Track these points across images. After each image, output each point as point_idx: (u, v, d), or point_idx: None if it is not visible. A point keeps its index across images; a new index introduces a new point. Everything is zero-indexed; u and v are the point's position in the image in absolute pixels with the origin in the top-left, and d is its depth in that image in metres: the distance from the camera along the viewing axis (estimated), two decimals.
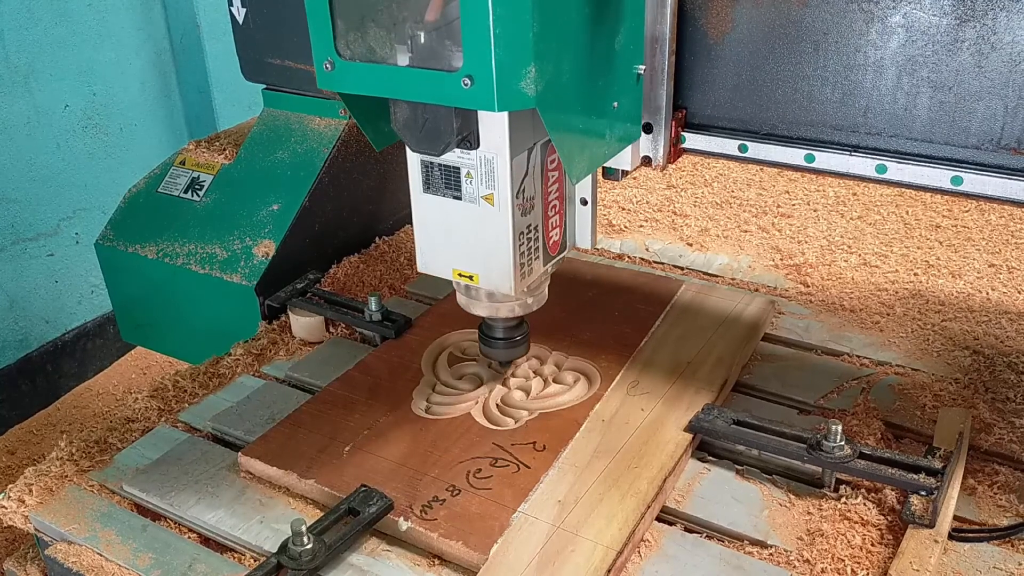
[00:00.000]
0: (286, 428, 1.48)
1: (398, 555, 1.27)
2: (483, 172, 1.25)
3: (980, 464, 1.40)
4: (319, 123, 2.06)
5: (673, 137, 1.41)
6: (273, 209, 1.96)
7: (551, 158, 1.32)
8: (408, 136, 1.21)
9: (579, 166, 1.21)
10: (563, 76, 1.12)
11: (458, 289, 1.44)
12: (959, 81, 1.23)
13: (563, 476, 1.34)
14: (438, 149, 1.21)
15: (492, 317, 1.46)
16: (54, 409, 3.41)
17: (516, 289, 1.32)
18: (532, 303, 1.44)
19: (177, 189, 2.08)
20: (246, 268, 1.90)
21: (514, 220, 1.27)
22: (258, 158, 2.07)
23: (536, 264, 1.36)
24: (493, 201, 1.26)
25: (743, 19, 1.34)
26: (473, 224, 1.29)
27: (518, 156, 1.25)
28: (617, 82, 1.25)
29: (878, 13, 1.25)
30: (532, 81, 1.06)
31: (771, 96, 1.37)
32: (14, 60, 3.09)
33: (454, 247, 1.33)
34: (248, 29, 2.02)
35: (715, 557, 1.24)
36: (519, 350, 1.53)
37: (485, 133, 1.22)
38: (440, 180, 1.29)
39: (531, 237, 1.33)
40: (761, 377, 1.61)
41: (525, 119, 1.23)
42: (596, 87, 1.21)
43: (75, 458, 1.49)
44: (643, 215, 2.36)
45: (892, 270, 2.04)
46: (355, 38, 1.13)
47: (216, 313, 1.97)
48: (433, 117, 1.18)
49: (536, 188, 1.31)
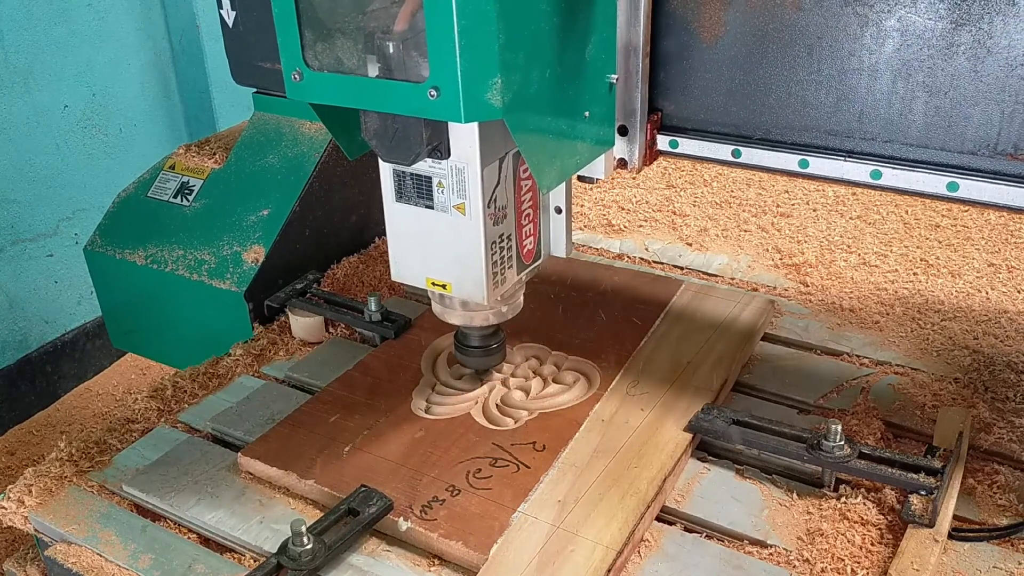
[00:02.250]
0: (286, 428, 1.48)
1: (398, 555, 1.27)
2: (454, 182, 1.25)
3: (980, 464, 1.40)
4: (310, 127, 2.03)
5: (648, 140, 1.40)
6: (263, 214, 1.93)
7: (523, 167, 1.31)
8: (379, 146, 1.21)
9: (549, 176, 1.20)
10: (531, 87, 1.11)
11: (432, 298, 1.44)
12: (955, 86, 1.22)
13: (563, 476, 1.34)
14: (408, 159, 1.20)
15: (467, 326, 1.46)
16: (53, 410, 3.41)
17: (489, 298, 1.32)
18: (507, 311, 1.44)
19: (166, 194, 2.06)
20: (235, 274, 1.87)
21: (486, 229, 1.27)
22: (248, 163, 2.04)
23: (509, 273, 1.36)
24: (465, 211, 1.26)
25: (736, 22, 1.32)
26: (445, 233, 1.29)
27: (489, 166, 1.24)
28: (588, 91, 1.24)
29: (873, 17, 1.23)
30: (499, 92, 1.05)
31: (764, 101, 1.35)
32: (13, 60, 3.09)
33: (427, 256, 1.33)
34: (238, 32, 1.99)
35: (715, 557, 1.24)
36: (494, 358, 1.53)
37: (456, 143, 1.21)
38: (412, 189, 1.29)
39: (504, 246, 1.33)
40: (761, 377, 1.61)
41: (496, 129, 1.22)
42: (566, 97, 1.20)
43: (75, 459, 1.49)
44: (643, 215, 2.36)
45: (892, 270, 2.04)
46: (323, 48, 1.13)
47: (205, 319, 1.95)
48: (403, 127, 1.17)
49: (508, 197, 1.31)
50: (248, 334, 1.86)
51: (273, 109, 2.09)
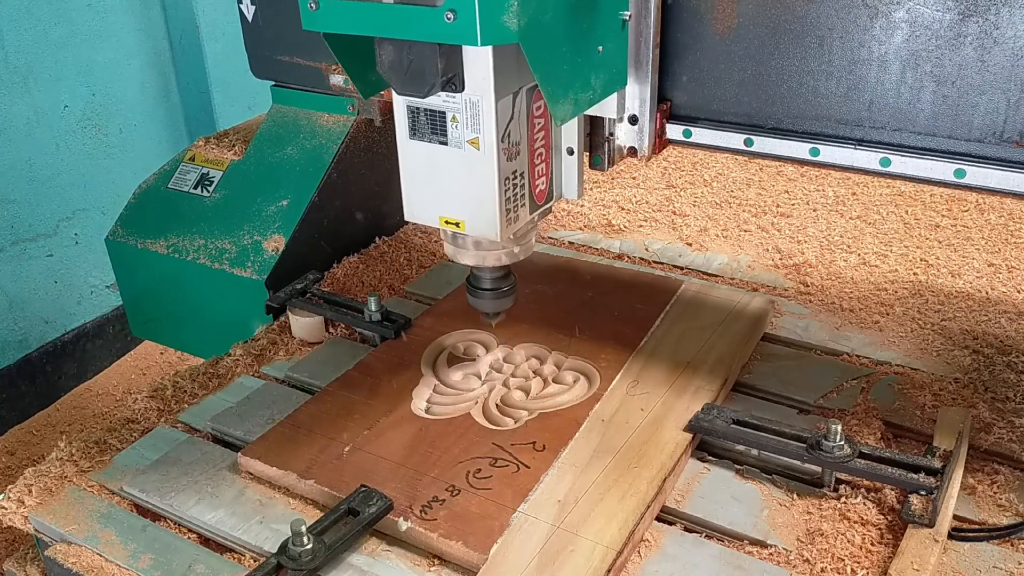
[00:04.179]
0: (286, 428, 1.48)
1: (398, 555, 1.27)
2: (468, 116, 1.24)
3: (980, 464, 1.40)
4: (328, 119, 2.07)
5: (658, 128, 1.43)
6: (282, 204, 1.98)
7: (537, 105, 1.32)
8: (393, 78, 1.20)
9: (563, 108, 1.21)
10: (546, 13, 1.12)
11: (445, 238, 1.43)
12: (962, 75, 1.25)
13: (563, 476, 1.34)
14: (423, 91, 1.19)
15: (479, 266, 1.45)
16: (54, 410, 3.41)
17: (502, 235, 1.31)
18: (519, 252, 1.43)
19: (187, 185, 2.10)
20: (256, 263, 1.91)
21: (500, 164, 1.27)
22: (267, 154, 2.08)
23: (523, 211, 1.36)
24: (479, 145, 1.26)
25: (748, 14, 1.36)
26: (459, 169, 1.29)
27: (503, 99, 1.24)
28: (602, 26, 1.25)
29: (882, 8, 1.26)
30: (515, 15, 1.06)
31: (776, 90, 1.38)
32: (13, 60, 3.09)
33: (440, 193, 1.32)
34: (257, 26, 2.05)
35: (715, 557, 1.24)
36: (506, 301, 1.51)
37: (470, 75, 1.21)
38: (426, 125, 1.29)
39: (517, 183, 1.33)
40: (761, 377, 1.61)
41: (510, 62, 1.22)
42: (580, 28, 1.20)
43: (75, 459, 1.49)
44: (643, 215, 2.36)
45: (892, 270, 2.04)
46: None
47: (226, 307, 1.98)
48: (418, 58, 1.16)
49: (522, 133, 1.30)
50: (267, 321, 1.89)
51: (291, 102, 2.13)
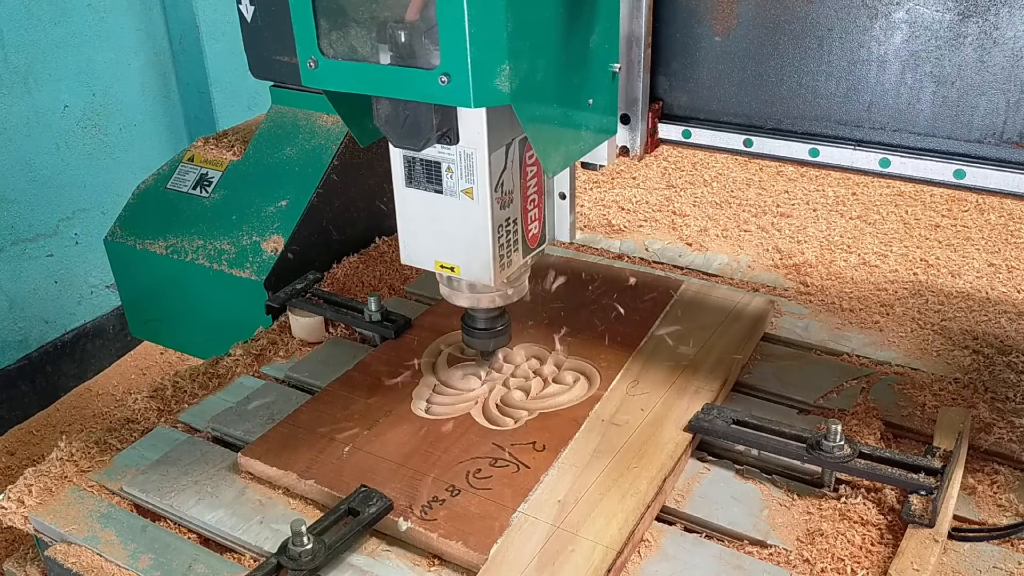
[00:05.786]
0: (286, 428, 1.48)
1: (398, 555, 1.27)
2: (463, 167, 1.29)
3: (980, 464, 1.40)
4: (327, 120, 2.08)
5: (650, 128, 1.44)
6: (281, 205, 1.98)
7: (529, 153, 1.36)
8: (390, 132, 1.25)
9: (554, 160, 1.25)
10: (538, 74, 1.15)
11: (441, 280, 1.48)
12: (961, 76, 1.25)
13: (563, 476, 1.34)
14: (419, 144, 1.25)
15: (474, 307, 1.49)
16: (54, 410, 3.41)
17: (496, 280, 1.36)
18: (512, 294, 1.48)
19: (186, 185, 2.10)
20: (255, 263, 1.91)
21: (493, 213, 1.31)
22: (266, 154, 2.08)
23: (515, 256, 1.40)
24: (473, 195, 1.30)
25: (747, 14, 1.36)
26: (454, 217, 1.33)
27: (496, 151, 1.28)
28: (592, 79, 1.29)
29: (881, 9, 1.26)
30: (507, 78, 1.10)
31: (776, 91, 1.39)
32: (13, 61, 3.09)
33: (436, 239, 1.37)
34: (256, 27, 2.04)
35: (715, 557, 1.24)
36: (500, 340, 1.56)
37: (464, 129, 1.25)
38: (422, 174, 1.33)
39: (510, 230, 1.36)
40: (761, 377, 1.61)
41: (503, 115, 1.25)
42: (571, 84, 1.24)
43: (75, 459, 1.49)
44: (643, 215, 2.36)
45: (892, 270, 2.04)
46: (338, 37, 1.17)
47: (225, 308, 1.98)
48: (414, 113, 1.22)
49: (515, 182, 1.34)
50: (267, 322, 1.89)
51: (290, 102, 2.13)
